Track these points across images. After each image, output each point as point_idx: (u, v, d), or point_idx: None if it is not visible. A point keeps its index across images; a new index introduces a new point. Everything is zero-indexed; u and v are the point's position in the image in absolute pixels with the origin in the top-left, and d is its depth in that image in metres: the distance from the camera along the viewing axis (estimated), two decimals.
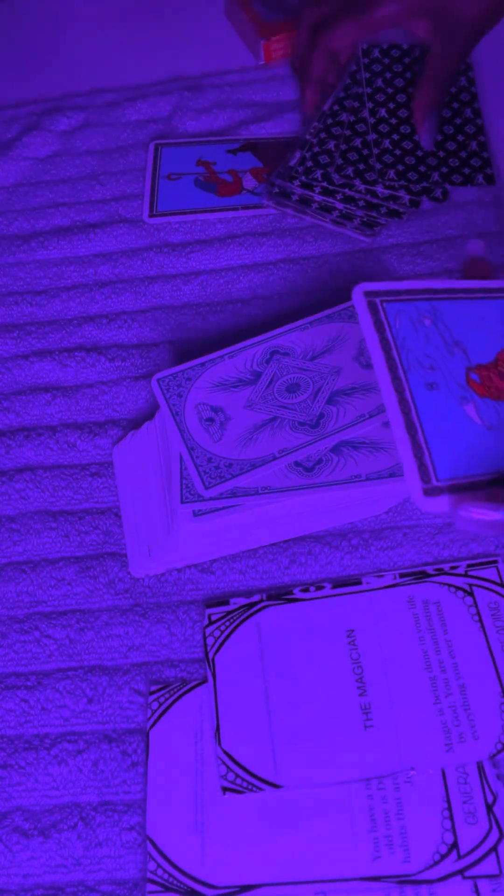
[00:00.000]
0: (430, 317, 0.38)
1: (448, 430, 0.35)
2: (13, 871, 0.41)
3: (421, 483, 0.33)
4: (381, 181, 0.61)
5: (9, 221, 0.68)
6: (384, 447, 0.47)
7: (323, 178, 0.61)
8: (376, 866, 0.39)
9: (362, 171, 0.61)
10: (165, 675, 0.46)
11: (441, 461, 0.34)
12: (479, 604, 0.46)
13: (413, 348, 0.36)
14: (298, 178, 0.63)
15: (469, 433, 0.35)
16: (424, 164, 0.62)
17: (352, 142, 0.62)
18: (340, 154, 0.61)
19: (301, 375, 0.50)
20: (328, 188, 0.61)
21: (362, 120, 0.64)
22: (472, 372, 0.37)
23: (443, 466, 0.34)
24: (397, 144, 0.63)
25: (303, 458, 0.47)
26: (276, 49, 0.77)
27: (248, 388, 0.50)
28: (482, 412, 0.36)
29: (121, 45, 0.83)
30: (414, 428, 0.34)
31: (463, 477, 0.34)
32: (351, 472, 0.47)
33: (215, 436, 0.48)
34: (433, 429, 0.35)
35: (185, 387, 0.50)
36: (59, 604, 0.49)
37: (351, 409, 0.48)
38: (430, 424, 0.35)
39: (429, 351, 0.36)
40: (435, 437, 0.34)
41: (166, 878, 0.40)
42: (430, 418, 0.35)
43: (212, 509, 0.45)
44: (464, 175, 0.63)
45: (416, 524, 0.50)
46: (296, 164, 0.63)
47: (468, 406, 0.36)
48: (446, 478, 0.34)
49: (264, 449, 0.47)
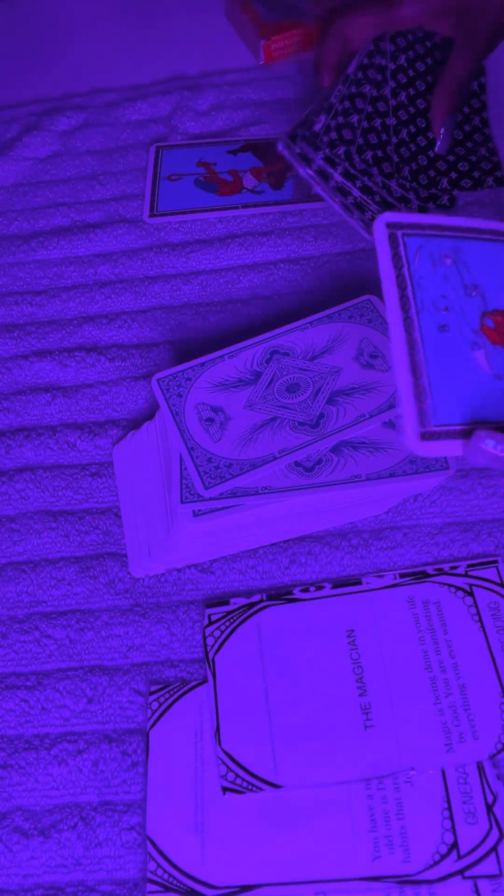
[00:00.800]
0: (452, 255, 0.36)
1: (454, 375, 0.33)
2: (13, 871, 0.41)
3: (419, 427, 0.32)
4: (396, 175, 0.60)
5: (9, 221, 0.68)
6: (384, 447, 0.48)
7: (346, 158, 0.59)
8: (376, 866, 0.39)
9: (380, 160, 0.60)
10: (165, 675, 0.46)
11: (441, 406, 0.33)
12: (479, 604, 0.46)
13: (429, 288, 0.35)
14: (323, 149, 0.61)
15: (476, 380, 0.34)
16: (434, 169, 0.62)
17: (373, 121, 0.61)
18: (362, 132, 0.60)
19: (301, 375, 0.50)
20: (349, 171, 0.60)
21: (383, 98, 0.62)
22: (487, 317, 0.35)
23: (443, 412, 0.33)
24: (413, 138, 0.62)
25: (303, 458, 0.47)
26: (276, 49, 0.77)
27: (248, 388, 0.50)
28: (492, 360, 0.34)
29: (121, 45, 0.83)
30: (419, 370, 0.33)
31: (460, 423, 0.33)
32: (351, 472, 0.47)
33: (215, 436, 0.48)
34: (438, 373, 0.34)
35: (185, 387, 0.50)
36: (59, 604, 0.49)
37: (351, 409, 0.48)
38: (435, 368, 0.33)
39: (445, 291, 0.35)
40: (439, 381, 0.33)
41: (166, 878, 0.40)
42: (436, 362, 0.34)
43: (212, 509, 0.45)
44: (473, 179, 0.62)
45: (416, 524, 0.50)
46: (321, 130, 0.60)
47: (479, 352, 0.35)
48: (444, 423, 0.33)
49: (264, 449, 0.47)
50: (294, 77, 0.76)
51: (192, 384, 0.51)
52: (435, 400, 0.33)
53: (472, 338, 0.35)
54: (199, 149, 0.71)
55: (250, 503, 0.46)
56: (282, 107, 0.73)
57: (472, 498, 0.50)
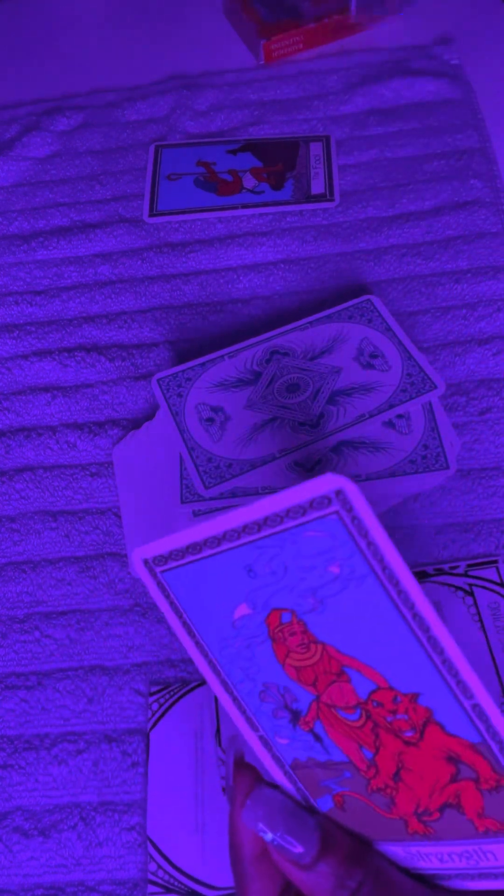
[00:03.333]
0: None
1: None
2: (13, 871, 0.41)
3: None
4: None
5: (9, 221, 0.68)
6: (384, 447, 0.48)
7: None
8: None
9: None
10: (165, 675, 0.46)
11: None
12: (479, 604, 0.46)
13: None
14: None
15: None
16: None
17: None
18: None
19: (301, 375, 0.50)
20: None
21: None
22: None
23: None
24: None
25: (303, 458, 0.47)
26: (276, 49, 0.77)
27: (248, 388, 0.50)
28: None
29: (120, 45, 0.83)
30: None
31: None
32: (351, 472, 0.47)
33: (215, 436, 0.48)
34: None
35: (186, 387, 0.50)
36: (59, 604, 0.49)
37: (352, 409, 0.48)
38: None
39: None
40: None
41: (166, 878, 0.40)
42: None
43: (211, 510, 0.45)
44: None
45: (416, 524, 0.50)
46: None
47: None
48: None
49: (264, 449, 0.47)
50: (294, 77, 0.76)
51: (192, 384, 0.51)
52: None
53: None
54: (198, 148, 0.71)
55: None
56: (281, 107, 0.73)
57: (472, 498, 0.50)
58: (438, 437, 0.48)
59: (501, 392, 0.54)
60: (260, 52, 0.77)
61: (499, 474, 0.51)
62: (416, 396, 0.49)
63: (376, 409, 0.48)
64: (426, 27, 0.79)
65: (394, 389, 0.48)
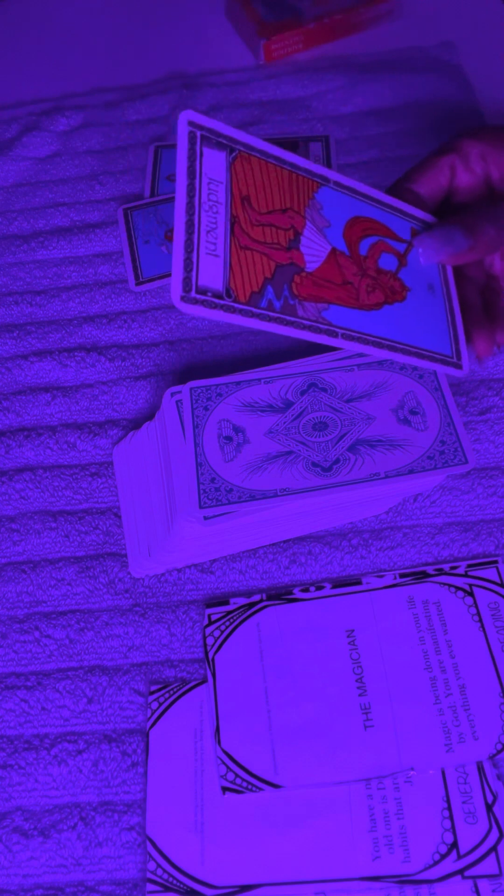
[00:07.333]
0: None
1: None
2: (13, 872, 0.41)
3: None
4: None
5: (9, 221, 0.68)
6: (400, 444, 0.46)
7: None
8: (376, 866, 0.39)
9: None
10: (165, 675, 0.46)
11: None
12: (479, 604, 0.46)
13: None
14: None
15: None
16: None
17: None
18: None
19: (332, 415, 0.48)
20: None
21: None
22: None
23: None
24: None
25: (319, 460, 0.46)
26: (276, 49, 0.77)
27: (275, 416, 0.48)
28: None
29: (120, 45, 0.83)
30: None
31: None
32: (370, 471, 0.46)
33: (229, 455, 0.47)
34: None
35: (215, 401, 0.49)
36: (59, 604, 0.49)
37: (369, 462, 0.46)
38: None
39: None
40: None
41: (166, 878, 0.40)
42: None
43: (223, 513, 0.45)
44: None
45: (417, 524, 0.50)
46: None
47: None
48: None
49: (269, 483, 0.46)
50: (294, 77, 0.76)
51: (221, 400, 0.49)
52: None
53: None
54: None
55: (269, 503, 0.45)
56: (281, 106, 0.73)
57: (472, 498, 0.50)
58: (455, 432, 0.47)
59: (501, 392, 0.54)
60: (260, 51, 0.77)
61: (499, 474, 0.51)
62: (441, 468, 0.46)
63: (394, 471, 0.46)
64: (426, 27, 0.79)
65: (421, 454, 0.46)
